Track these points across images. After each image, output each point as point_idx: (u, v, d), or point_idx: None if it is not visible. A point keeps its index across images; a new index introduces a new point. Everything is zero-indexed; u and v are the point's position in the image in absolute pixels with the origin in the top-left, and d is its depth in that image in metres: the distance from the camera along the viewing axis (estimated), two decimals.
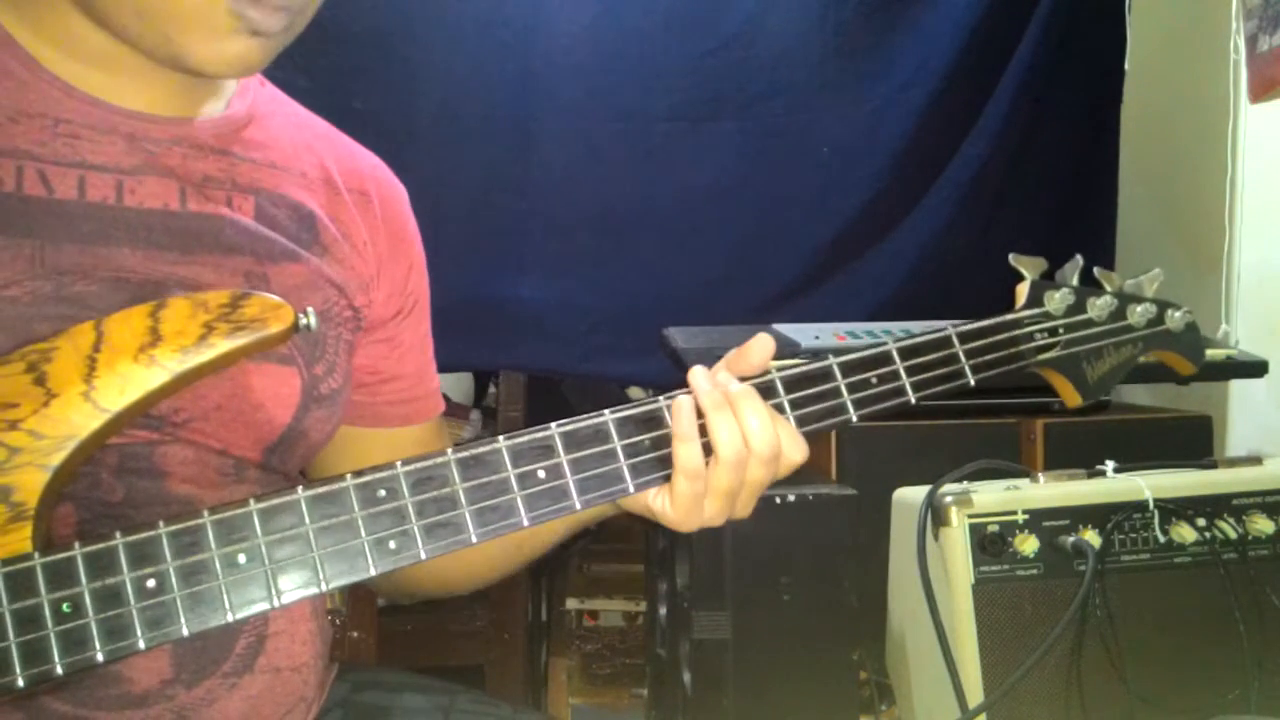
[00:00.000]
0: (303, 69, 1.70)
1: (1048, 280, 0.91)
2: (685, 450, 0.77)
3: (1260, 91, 1.78)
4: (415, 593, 1.05)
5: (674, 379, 1.50)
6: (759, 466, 0.78)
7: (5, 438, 0.67)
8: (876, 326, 1.67)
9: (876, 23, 2.03)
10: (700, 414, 0.78)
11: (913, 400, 0.83)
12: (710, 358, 1.46)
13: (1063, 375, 0.90)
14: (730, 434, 0.77)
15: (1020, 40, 2.02)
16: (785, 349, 1.55)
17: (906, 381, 0.83)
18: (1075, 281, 0.91)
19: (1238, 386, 1.80)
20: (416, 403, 1.01)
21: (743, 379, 0.80)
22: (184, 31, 0.74)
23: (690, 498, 0.78)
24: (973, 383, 0.85)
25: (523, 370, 2.04)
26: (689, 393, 0.79)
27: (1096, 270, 0.92)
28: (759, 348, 0.81)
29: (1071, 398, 0.90)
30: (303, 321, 0.74)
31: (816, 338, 1.60)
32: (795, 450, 0.79)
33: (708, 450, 0.77)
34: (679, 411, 0.77)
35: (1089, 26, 2.07)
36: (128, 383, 0.70)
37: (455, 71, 1.94)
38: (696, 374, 0.80)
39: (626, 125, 1.99)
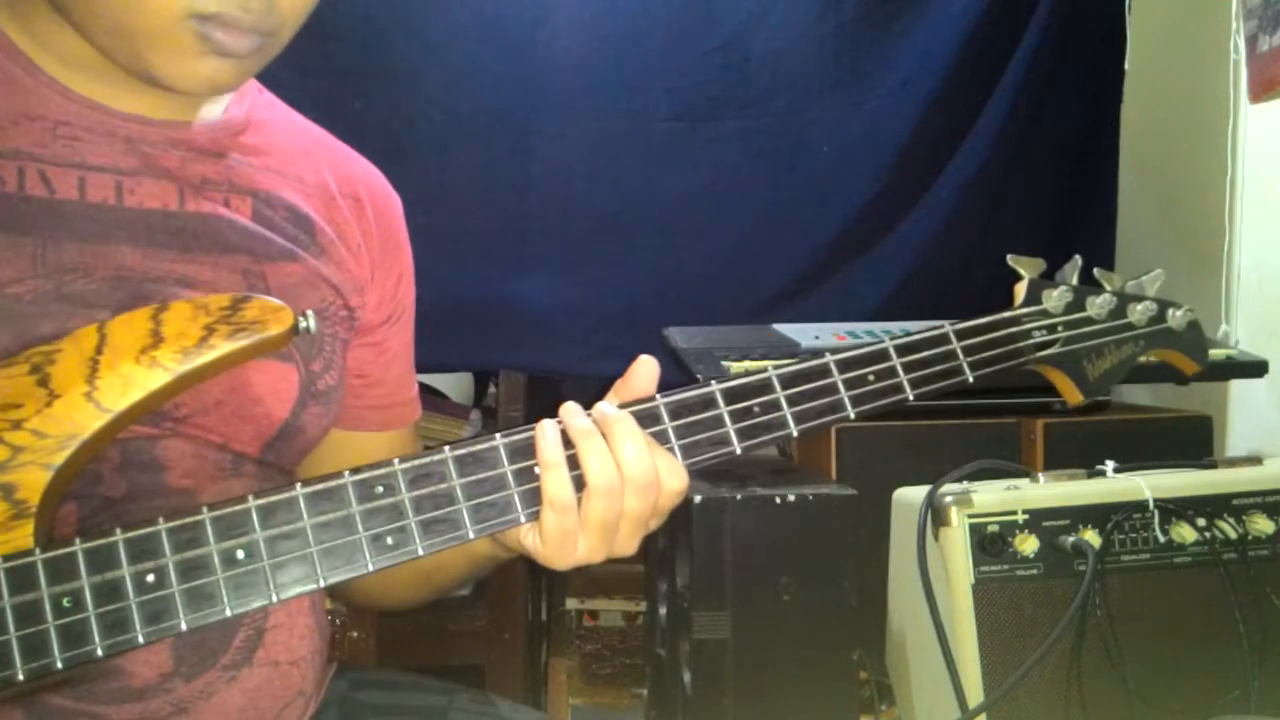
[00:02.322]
0: (302, 69, 1.70)
1: (1046, 280, 0.91)
2: (551, 479, 0.74)
3: (1260, 91, 1.78)
4: (364, 602, 1.06)
5: (674, 379, 1.50)
6: (634, 495, 0.75)
7: (8, 437, 0.68)
8: (876, 326, 1.67)
9: (876, 23, 2.03)
10: (570, 444, 0.75)
11: (911, 397, 0.83)
12: (710, 358, 1.48)
13: (1063, 372, 0.90)
14: (601, 461, 0.74)
15: (1020, 40, 2.02)
16: (785, 349, 1.55)
17: (904, 379, 0.83)
18: (1075, 281, 0.91)
19: (1238, 386, 1.80)
20: (396, 409, 1.02)
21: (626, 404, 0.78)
22: (152, 50, 0.74)
23: (560, 533, 0.75)
24: (971, 379, 0.85)
25: (523, 370, 2.04)
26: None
27: (1096, 271, 0.92)
28: (643, 371, 0.79)
29: (1072, 395, 0.90)
30: (302, 324, 0.75)
31: (816, 338, 1.60)
32: (674, 478, 0.76)
33: (580, 484, 0.74)
34: (542, 437, 0.74)
35: (1089, 26, 2.07)
36: (129, 384, 0.71)
37: (455, 71, 1.94)
38: (567, 407, 0.77)
39: (626, 125, 1.99)
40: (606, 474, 0.74)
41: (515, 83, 1.96)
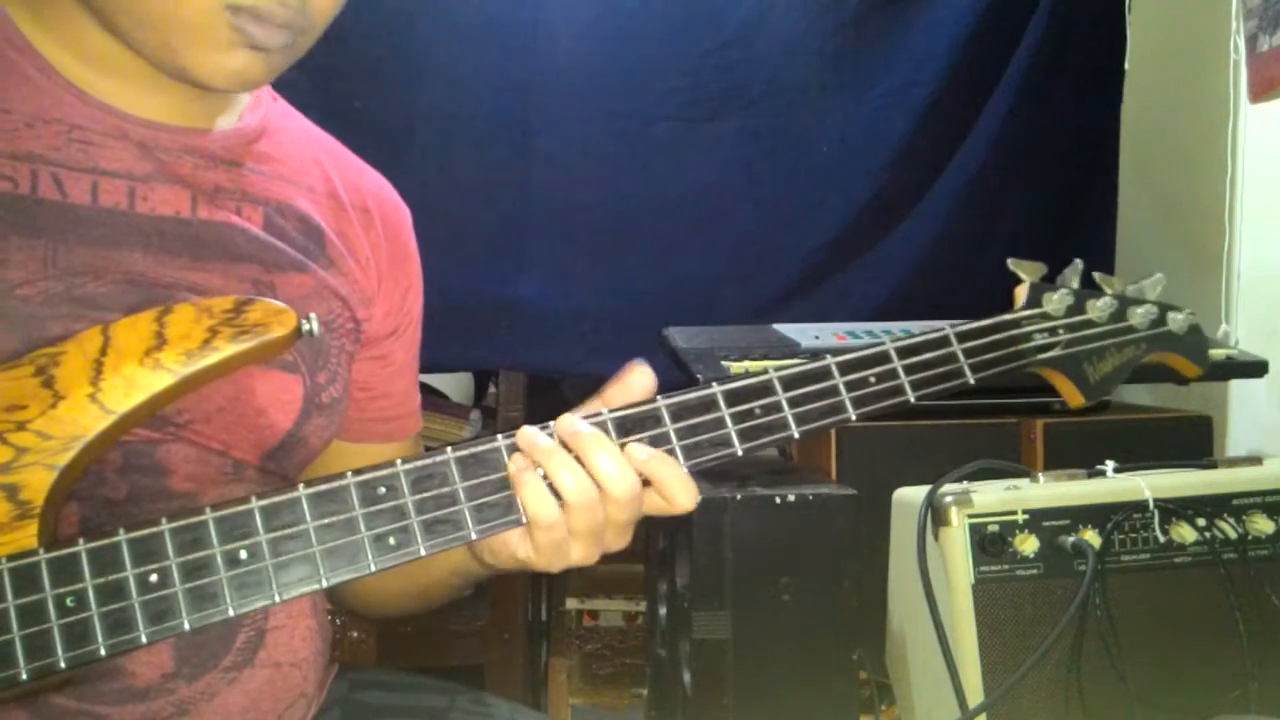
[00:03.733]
0: (303, 69, 1.70)
1: (1047, 283, 0.91)
2: (529, 494, 0.73)
3: (1260, 91, 1.78)
4: (360, 608, 1.05)
5: (674, 379, 1.50)
6: (617, 508, 0.75)
7: (13, 438, 0.69)
8: (876, 326, 1.67)
9: (876, 23, 2.03)
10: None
11: (912, 399, 0.83)
12: (710, 358, 1.48)
13: (1064, 375, 0.90)
14: (575, 478, 0.73)
15: (1020, 40, 2.03)
16: (785, 349, 1.56)
17: (905, 381, 0.83)
18: (1075, 284, 0.92)
19: (1238, 386, 1.80)
20: (399, 421, 1.02)
21: (630, 406, 0.77)
22: (185, 42, 0.75)
23: (551, 545, 0.75)
24: (973, 382, 0.85)
25: (523, 370, 2.04)
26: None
27: (1097, 275, 0.93)
28: (639, 382, 0.78)
29: (1074, 398, 0.90)
30: (305, 327, 0.75)
31: (816, 338, 1.60)
32: (685, 497, 0.76)
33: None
34: (513, 464, 0.74)
35: (1089, 26, 2.07)
36: (133, 385, 0.71)
37: (455, 71, 1.94)
38: (524, 433, 0.75)
39: (626, 125, 2.00)
40: (582, 489, 0.73)
41: (515, 83, 1.96)
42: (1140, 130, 2.13)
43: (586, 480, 0.73)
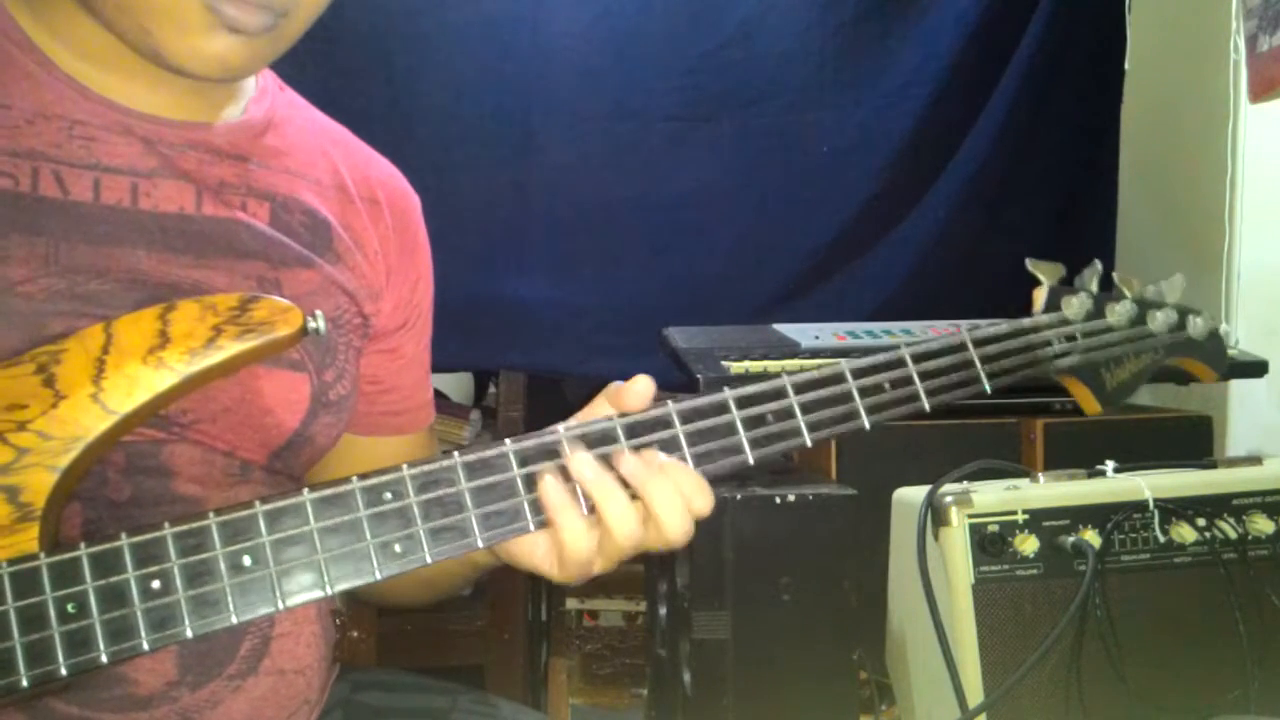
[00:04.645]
0: (303, 69, 1.70)
1: (1066, 286, 0.89)
2: (569, 529, 0.72)
3: (1260, 91, 1.78)
4: (368, 599, 1.05)
5: (674, 379, 1.49)
6: (658, 539, 0.75)
7: (13, 438, 0.67)
8: (877, 326, 1.67)
9: (876, 23, 2.04)
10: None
11: (927, 407, 0.81)
12: (710, 358, 1.48)
13: (1081, 382, 0.88)
14: (624, 514, 0.73)
15: (1020, 40, 2.03)
16: (785, 349, 1.55)
17: (920, 387, 0.81)
18: (1094, 288, 0.90)
19: (1238, 386, 1.80)
20: (410, 414, 1.01)
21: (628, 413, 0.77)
22: (159, 25, 0.73)
23: (577, 565, 0.75)
24: (988, 390, 0.82)
25: (523, 370, 2.04)
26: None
27: (1116, 276, 0.90)
28: (639, 385, 0.77)
29: (1090, 405, 0.88)
30: (311, 325, 0.74)
31: (816, 338, 1.60)
32: (702, 501, 0.76)
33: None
34: (548, 494, 0.72)
35: (1089, 26, 2.07)
36: (135, 385, 0.69)
37: (455, 71, 1.94)
38: (580, 462, 0.73)
39: (626, 125, 2.00)
40: (629, 526, 0.73)
41: (515, 83, 1.96)
42: (1140, 130, 2.13)
43: (634, 520, 0.73)
